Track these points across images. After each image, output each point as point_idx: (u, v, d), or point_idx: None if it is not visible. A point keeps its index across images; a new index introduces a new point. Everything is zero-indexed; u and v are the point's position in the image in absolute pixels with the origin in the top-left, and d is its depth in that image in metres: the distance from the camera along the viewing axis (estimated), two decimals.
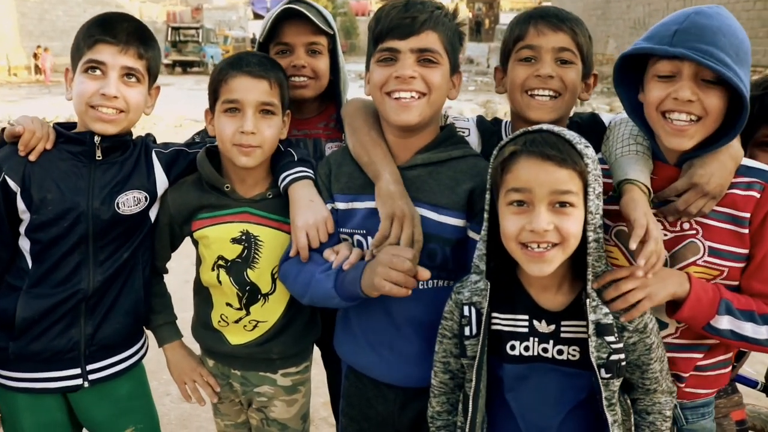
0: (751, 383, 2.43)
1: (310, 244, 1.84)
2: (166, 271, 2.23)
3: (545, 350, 1.58)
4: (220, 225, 2.01)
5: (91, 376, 2.01)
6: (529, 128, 1.54)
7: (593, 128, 1.94)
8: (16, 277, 1.96)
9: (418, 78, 1.72)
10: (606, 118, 1.99)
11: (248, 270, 2.01)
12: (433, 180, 1.79)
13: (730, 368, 1.85)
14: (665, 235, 1.66)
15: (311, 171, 1.99)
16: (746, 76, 1.55)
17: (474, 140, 2.00)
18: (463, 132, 1.99)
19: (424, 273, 1.64)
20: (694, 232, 1.66)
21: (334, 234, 1.88)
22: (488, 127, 2.05)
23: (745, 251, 1.63)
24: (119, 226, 1.98)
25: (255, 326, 2.07)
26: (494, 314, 1.61)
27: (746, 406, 2.26)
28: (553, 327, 1.57)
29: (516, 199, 1.49)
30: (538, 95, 1.86)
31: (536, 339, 1.58)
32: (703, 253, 1.65)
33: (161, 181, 2.06)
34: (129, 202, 1.98)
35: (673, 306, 1.63)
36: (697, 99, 1.55)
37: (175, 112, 14.49)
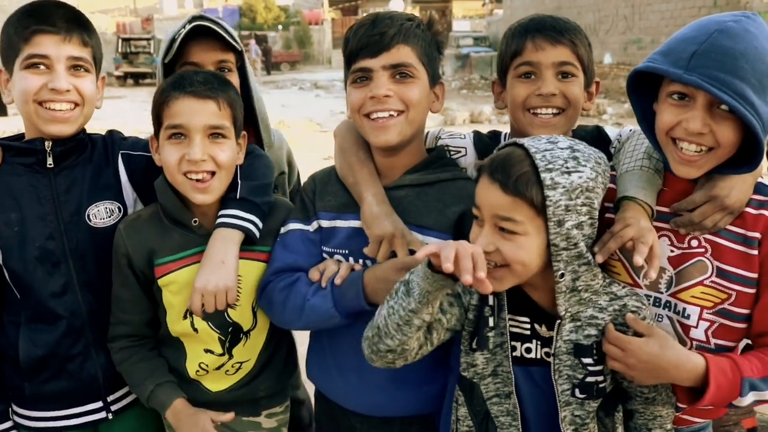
0: None
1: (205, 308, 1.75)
2: (149, 332, 1.91)
3: (548, 354, 1.55)
4: (191, 267, 1.79)
5: (113, 407, 1.93)
6: (515, 140, 1.51)
7: (597, 142, 1.86)
8: (12, 312, 1.84)
9: (394, 96, 1.66)
10: (611, 131, 1.94)
11: (229, 310, 1.83)
12: (421, 201, 1.74)
13: None
14: (672, 251, 1.60)
15: (244, 216, 1.79)
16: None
17: (471, 160, 1.92)
18: (459, 152, 1.92)
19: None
20: (702, 250, 1.57)
21: (317, 253, 1.82)
22: (486, 144, 1.96)
23: (754, 275, 1.54)
24: (95, 241, 1.82)
25: (238, 369, 1.91)
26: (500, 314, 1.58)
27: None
28: (552, 332, 1.53)
29: (474, 213, 1.50)
30: (540, 113, 1.79)
31: (539, 342, 1.56)
32: (711, 273, 1.56)
33: (128, 192, 1.89)
34: (101, 213, 1.83)
35: (690, 392, 1.52)
36: (709, 131, 1.46)
37: (129, 126, 14.18)
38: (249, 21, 48.21)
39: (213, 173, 1.74)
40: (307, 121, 14.99)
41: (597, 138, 1.93)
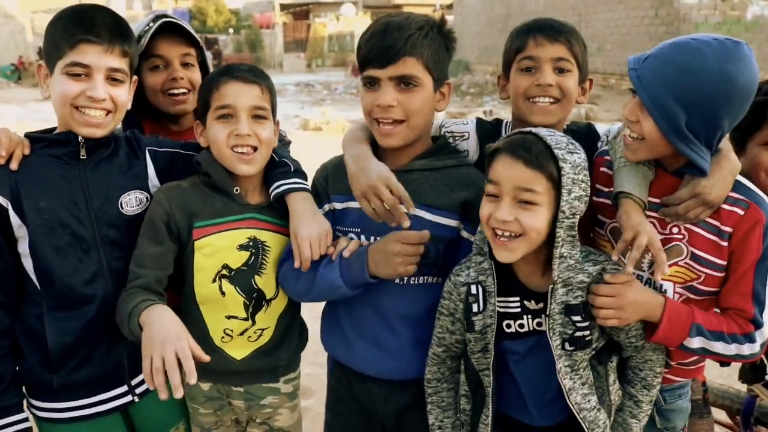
0: None
1: (312, 256, 1.90)
2: (159, 290, 1.89)
3: (540, 324, 1.77)
4: (227, 232, 1.96)
5: (137, 390, 2.02)
6: (522, 129, 1.72)
7: (588, 137, 2.12)
8: (31, 304, 1.89)
9: (398, 106, 1.84)
10: (600, 128, 2.16)
11: (256, 277, 1.99)
12: (429, 184, 1.93)
13: (703, 362, 2.03)
14: None
15: (307, 184, 2.02)
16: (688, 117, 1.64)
17: (472, 144, 2.13)
18: (463, 135, 2.13)
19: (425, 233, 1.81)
20: (681, 236, 1.79)
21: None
22: (487, 129, 2.17)
23: (722, 262, 1.77)
24: (125, 228, 1.92)
25: (259, 335, 2.05)
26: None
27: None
28: (541, 304, 1.75)
29: (489, 190, 1.69)
30: (539, 101, 1.99)
31: (529, 316, 1.77)
32: (686, 256, 1.79)
33: (154, 184, 2.01)
34: (132, 202, 1.94)
35: (651, 327, 1.78)
36: (637, 120, 1.72)
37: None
38: (199, 24, 47.53)
39: (255, 148, 1.92)
40: None
41: (588, 133, 2.16)
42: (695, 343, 1.75)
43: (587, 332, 1.72)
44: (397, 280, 1.91)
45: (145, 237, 1.92)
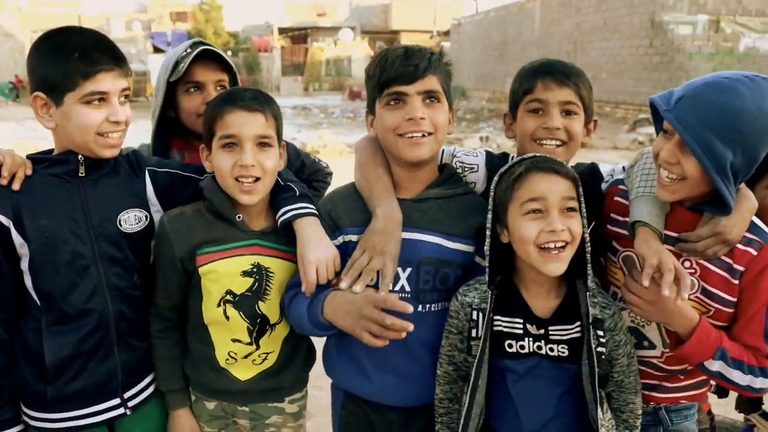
0: None
1: (318, 280, 1.91)
2: (174, 321, 2.08)
3: (539, 348, 1.82)
4: (230, 258, 1.98)
5: (130, 403, 2.02)
6: (525, 156, 1.81)
7: (591, 178, 2.16)
8: (31, 319, 1.92)
9: (427, 119, 1.88)
10: (604, 169, 2.19)
11: (259, 302, 2.01)
12: (443, 212, 1.97)
13: (708, 385, 2.06)
14: None
15: (313, 208, 2.03)
16: (733, 154, 1.62)
17: (480, 177, 2.15)
18: (472, 168, 2.16)
19: (408, 326, 1.72)
20: (693, 271, 1.82)
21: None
22: (496, 163, 2.18)
23: (732, 299, 1.80)
24: (124, 245, 1.95)
25: (264, 359, 2.06)
26: (497, 317, 1.84)
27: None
28: (542, 330, 1.81)
29: (533, 207, 1.72)
30: (546, 144, 2.03)
31: (530, 338, 1.82)
32: (697, 290, 1.81)
33: (153, 204, 2.03)
34: (130, 220, 1.96)
35: (677, 340, 1.81)
36: (677, 162, 1.70)
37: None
38: None
39: (258, 178, 1.93)
40: None
41: (592, 174, 2.18)
42: (715, 366, 1.77)
43: (604, 349, 1.78)
44: (420, 308, 1.92)
45: (156, 265, 2.03)
